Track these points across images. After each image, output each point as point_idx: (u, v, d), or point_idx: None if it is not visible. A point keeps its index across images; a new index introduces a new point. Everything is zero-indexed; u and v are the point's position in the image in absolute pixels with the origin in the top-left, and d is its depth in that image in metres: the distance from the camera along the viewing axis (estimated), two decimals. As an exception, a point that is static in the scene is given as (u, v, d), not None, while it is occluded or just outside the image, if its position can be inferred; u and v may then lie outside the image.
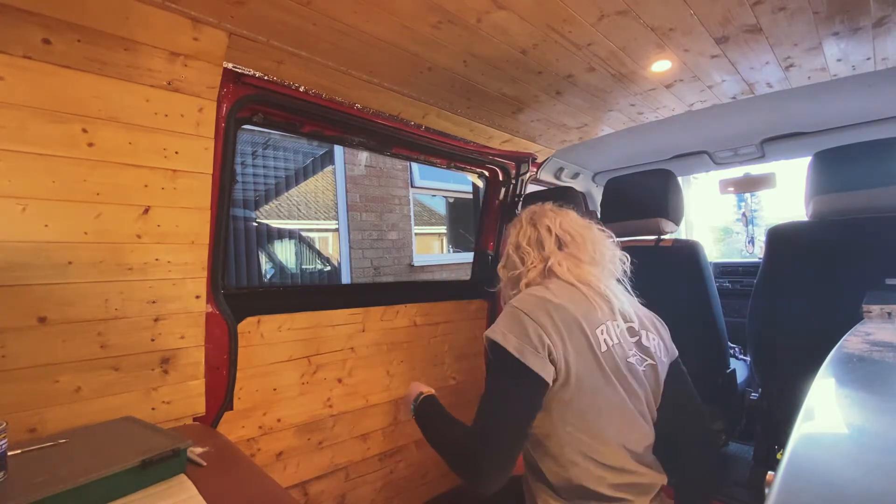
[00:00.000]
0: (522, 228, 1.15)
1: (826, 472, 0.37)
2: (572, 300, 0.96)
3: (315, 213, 5.09)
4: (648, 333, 1.04)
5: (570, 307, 0.94)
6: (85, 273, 1.06)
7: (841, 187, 1.41)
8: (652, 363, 1.02)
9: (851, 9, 1.15)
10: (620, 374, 0.94)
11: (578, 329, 0.92)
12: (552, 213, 1.15)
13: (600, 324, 0.95)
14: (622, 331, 0.98)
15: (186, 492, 0.85)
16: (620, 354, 0.95)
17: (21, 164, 0.95)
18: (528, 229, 1.14)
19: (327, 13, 1.08)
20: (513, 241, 1.15)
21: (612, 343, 0.95)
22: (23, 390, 1.01)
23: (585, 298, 0.98)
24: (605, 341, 0.94)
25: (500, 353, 0.89)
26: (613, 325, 0.97)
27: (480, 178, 2.36)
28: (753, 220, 3.83)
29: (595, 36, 1.24)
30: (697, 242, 1.64)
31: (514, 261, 1.13)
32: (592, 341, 0.92)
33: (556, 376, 0.89)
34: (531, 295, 0.97)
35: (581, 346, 0.91)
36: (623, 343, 0.97)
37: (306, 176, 5.00)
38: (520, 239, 1.13)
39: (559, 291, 0.98)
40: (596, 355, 0.92)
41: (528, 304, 0.94)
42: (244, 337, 1.45)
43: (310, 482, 1.66)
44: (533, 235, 1.12)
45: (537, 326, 0.90)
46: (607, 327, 0.96)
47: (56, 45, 0.95)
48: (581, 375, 0.90)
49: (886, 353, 0.67)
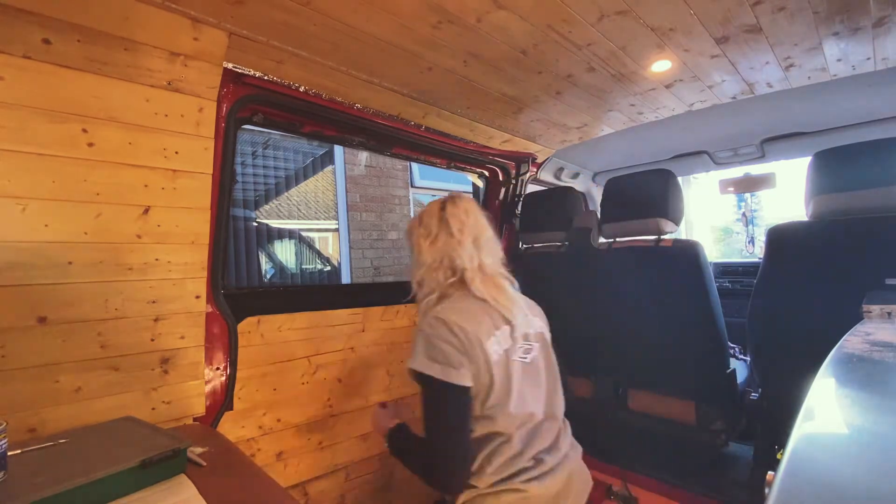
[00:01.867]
0: (434, 238, 1.11)
1: (826, 472, 0.37)
2: (474, 318, 1.03)
3: (315, 213, 5.09)
4: (529, 318, 1.13)
5: (470, 328, 1.00)
6: (85, 273, 1.06)
7: (841, 187, 1.41)
8: (539, 344, 1.13)
9: (851, 9, 1.15)
10: (510, 377, 1.03)
11: (479, 346, 0.99)
12: (461, 216, 1.13)
13: (491, 335, 1.03)
14: (507, 336, 1.06)
15: (186, 492, 0.85)
16: (509, 357, 1.04)
17: (21, 164, 0.95)
18: (441, 237, 1.11)
19: (327, 13, 1.08)
20: (427, 256, 1.11)
21: (503, 350, 1.04)
22: (23, 390, 1.01)
23: (485, 313, 1.05)
24: (496, 351, 1.02)
25: (427, 379, 0.97)
26: (502, 333, 1.05)
27: (480, 178, 2.36)
28: (753, 220, 3.83)
29: (595, 36, 1.24)
30: (697, 242, 1.64)
31: (432, 279, 1.11)
32: (489, 354, 1.00)
33: (473, 386, 0.99)
34: (438, 319, 1.02)
35: (481, 360, 0.99)
36: (511, 347, 1.05)
37: (306, 176, 5.00)
38: (432, 253, 1.11)
39: (465, 310, 1.04)
40: (490, 365, 1.00)
41: (439, 329, 1.00)
42: (244, 337, 1.45)
43: (310, 482, 1.66)
44: (446, 248, 1.10)
45: (450, 348, 0.98)
46: (497, 337, 1.03)
47: (56, 45, 0.95)
48: (486, 387, 1.00)
49: (886, 353, 0.67)
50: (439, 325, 1.00)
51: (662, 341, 1.74)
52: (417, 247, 1.13)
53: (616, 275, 1.83)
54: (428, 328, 1.01)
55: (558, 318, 2.17)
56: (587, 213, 2.02)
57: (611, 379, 1.98)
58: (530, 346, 1.10)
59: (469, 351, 0.98)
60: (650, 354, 1.80)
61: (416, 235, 1.14)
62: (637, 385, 1.92)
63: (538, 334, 1.14)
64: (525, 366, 1.07)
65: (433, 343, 0.98)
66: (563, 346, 2.10)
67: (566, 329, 2.09)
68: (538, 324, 1.17)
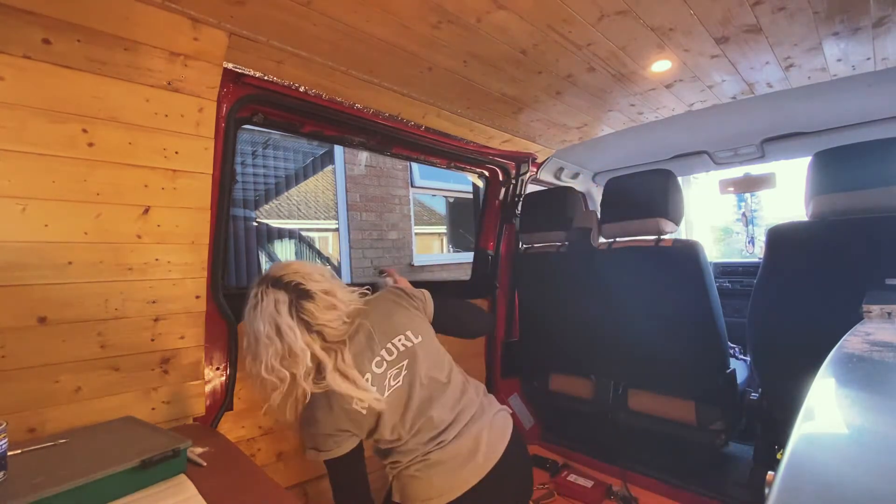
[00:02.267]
0: (269, 345, 0.99)
1: (826, 472, 0.37)
2: (340, 388, 1.03)
3: (315, 212, 5.08)
4: (397, 342, 1.13)
5: (339, 399, 1.04)
6: (85, 273, 1.06)
7: (841, 187, 1.41)
8: (409, 360, 1.13)
9: (851, 9, 1.15)
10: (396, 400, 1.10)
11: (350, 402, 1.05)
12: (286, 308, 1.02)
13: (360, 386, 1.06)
14: (375, 375, 1.09)
15: (186, 492, 0.85)
16: (382, 387, 1.09)
17: (21, 164, 0.95)
18: (277, 343, 0.99)
19: (327, 13, 1.08)
20: (263, 363, 0.99)
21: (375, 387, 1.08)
22: (23, 390, 1.01)
23: (350, 382, 1.05)
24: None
25: (319, 459, 1.06)
26: (370, 375, 1.08)
27: (480, 178, 2.36)
28: (753, 220, 3.83)
29: (595, 36, 1.24)
30: (697, 242, 1.64)
31: (273, 382, 1.00)
32: (364, 399, 1.05)
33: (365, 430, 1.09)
34: (308, 410, 1.06)
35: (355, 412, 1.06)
36: (379, 379, 1.09)
37: (306, 176, 4.99)
38: (270, 359, 0.99)
39: (328, 393, 1.04)
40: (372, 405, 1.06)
41: (311, 421, 1.06)
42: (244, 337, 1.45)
43: (310, 482, 1.65)
44: (284, 349, 0.99)
45: (328, 427, 1.05)
46: (367, 380, 1.08)
47: (56, 45, 0.95)
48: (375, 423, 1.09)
49: (886, 353, 0.67)
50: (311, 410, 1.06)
51: (662, 341, 1.74)
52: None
53: (616, 275, 1.83)
54: (305, 423, 1.08)
55: (558, 319, 2.18)
56: (587, 213, 2.02)
57: (611, 379, 1.98)
58: (400, 367, 1.12)
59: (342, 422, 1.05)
60: (650, 354, 1.80)
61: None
62: (637, 385, 1.92)
63: (403, 351, 1.13)
64: (399, 388, 1.11)
65: (312, 432, 1.06)
66: (564, 346, 2.12)
67: (566, 329, 2.10)
68: (403, 337, 1.14)
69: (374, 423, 1.09)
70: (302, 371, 1.00)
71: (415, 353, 1.14)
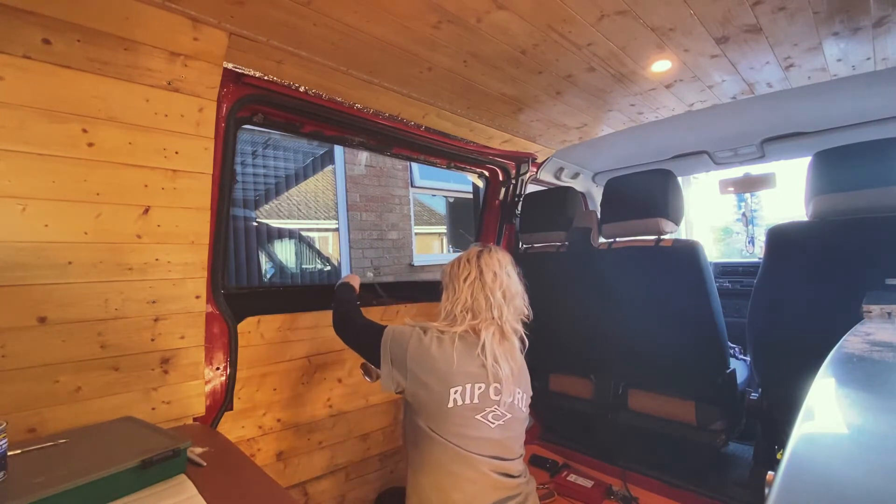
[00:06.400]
0: (471, 282, 1.24)
1: (826, 472, 0.37)
2: (452, 358, 1.14)
3: (315, 212, 5.08)
4: (512, 389, 1.21)
5: (443, 364, 1.13)
6: (85, 273, 1.06)
7: (841, 187, 1.41)
8: (510, 416, 1.20)
9: (851, 9, 1.15)
10: (459, 432, 1.13)
11: (437, 379, 1.13)
12: (494, 267, 1.26)
13: (459, 385, 1.13)
14: (481, 393, 1.15)
15: (186, 492, 0.85)
16: (470, 411, 1.14)
17: (21, 164, 0.95)
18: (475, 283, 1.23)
19: (327, 13, 1.08)
20: (457, 295, 1.24)
21: (462, 403, 1.13)
22: (23, 390, 1.01)
23: (471, 361, 1.15)
24: (455, 400, 1.13)
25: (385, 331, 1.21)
26: (475, 388, 1.15)
27: (480, 178, 2.36)
28: (753, 220, 3.82)
29: (595, 36, 1.24)
30: (697, 242, 1.64)
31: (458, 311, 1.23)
32: (445, 395, 1.12)
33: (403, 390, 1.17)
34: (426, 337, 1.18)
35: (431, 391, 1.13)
36: (476, 404, 1.15)
37: (306, 176, 4.99)
38: (464, 293, 1.23)
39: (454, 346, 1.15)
40: (442, 408, 1.12)
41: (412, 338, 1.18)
42: (244, 337, 1.45)
43: (310, 482, 1.66)
44: (477, 293, 1.23)
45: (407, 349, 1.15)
46: (465, 389, 1.14)
47: (56, 45, 0.95)
48: (422, 409, 1.15)
49: (886, 353, 0.67)
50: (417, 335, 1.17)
51: (662, 341, 1.74)
52: (451, 286, 1.26)
53: (616, 275, 1.83)
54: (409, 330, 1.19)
55: (558, 319, 2.18)
56: (587, 213, 2.02)
57: (611, 379, 1.98)
58: (500, 414, 1.18)
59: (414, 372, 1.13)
60: (650, 354, 1.80)
61: (450, 276, 1.28)
62: (637, 385, 1.92)
63: (510, 405, 1.21)
64: (490, 428, 1.16)
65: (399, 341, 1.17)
66: (564, 346, 2.11)
67: (566, 329, 2.10)
68: (517, 395, 1.24)
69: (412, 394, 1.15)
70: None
71: (515, 410, 1.25)
